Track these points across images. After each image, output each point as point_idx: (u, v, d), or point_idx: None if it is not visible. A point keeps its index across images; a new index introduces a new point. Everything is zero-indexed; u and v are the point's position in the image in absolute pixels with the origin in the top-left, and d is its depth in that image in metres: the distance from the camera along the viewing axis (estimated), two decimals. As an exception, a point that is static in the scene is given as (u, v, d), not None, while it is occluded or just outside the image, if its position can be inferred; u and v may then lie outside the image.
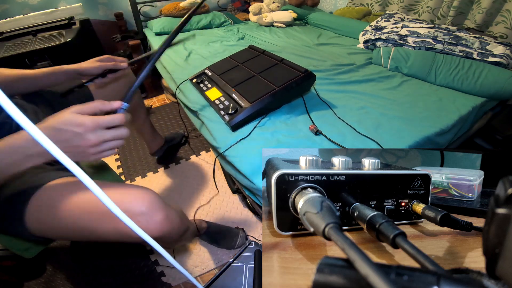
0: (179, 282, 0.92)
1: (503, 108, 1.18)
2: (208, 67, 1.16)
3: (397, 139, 0.82)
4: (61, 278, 0.95)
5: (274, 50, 1.50)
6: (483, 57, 1.15)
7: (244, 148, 0.80)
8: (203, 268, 0.95)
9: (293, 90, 0.92)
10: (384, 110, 0.95)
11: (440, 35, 1.27)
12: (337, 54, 1.47)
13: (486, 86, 1.06)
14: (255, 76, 1.00)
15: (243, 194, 0.95)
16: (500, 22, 1.43)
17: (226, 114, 0.88)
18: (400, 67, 1.26)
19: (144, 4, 2.02)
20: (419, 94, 1.08)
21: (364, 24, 1.68)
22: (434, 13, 1.67)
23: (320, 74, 1.16)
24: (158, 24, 1.84)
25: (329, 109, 0.95)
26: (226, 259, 0.97)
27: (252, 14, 2.09)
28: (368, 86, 1.14)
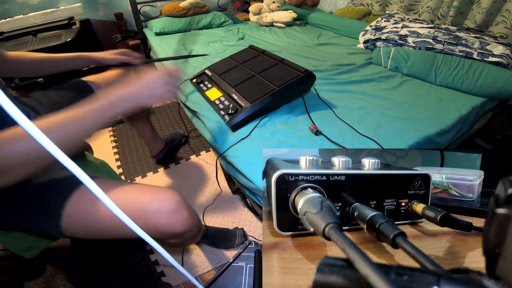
0: (179, 282, 0.92)
1: (503, 108, 1.18)
2: (208, 67, 1.16)
3: (397, 139, 0.82)
4: (61, 278, 0.94)
5: (274, 50, 1.50)
6: (483, 57, 1.15)
7: (244, 148, 0.80)
8: (203, 268, 0.95)
9: (293, 90, 0.92)
10: (384, 110, 0.95)
11: (440, 35, 1.27)
12: (337, 54, 1.47)
13: (486, 86, 1.06)
14: (255, 76, 1.00)
15: (243, 194, 0.95)
16: (500, 22, 1.43)
17: (226, 114, 0.88)
18: (400, 67, 1.26)
19: (144, 4, 2.02)
20: (419, 94, 1.08)
21: (364, 24, 1.69)
22: (434, 13, 1.67)
23: (320, 74, 1.16)
24: (158, 24, 1.84)
25: (329, 109, 0.95)
26: (226, 259, 0.97)
27: (252, 14, 2.10)
28: (368, 86, 1.14)
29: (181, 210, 0.57)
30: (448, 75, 1.13)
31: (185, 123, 1.66)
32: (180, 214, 0.57)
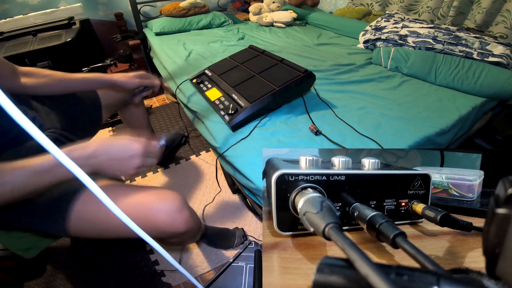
0: (179, 282, 0.92)
1: (503, 108, 1.18)
2: (208, 67, 1.16)
3: (397, 139, 0.82)
4: (61, 278, 0.94)
5: (274, 50, 1.50)
6: (483, 57, 1.15)
7: (244, 148, 0.80)
8: (203, 268, 0.95)
9: (293, 90, 0.92)
10: (384, 110, 0.95)
11: (440, 35, 1.27)
12: (337, 54, 1.47)
13: (486, 86, 1.06)
14: (255, 76, 1.00)
15: (243, 194, 0.95)
16: (500, 22, 1.43)
17: (226, 114, 0.88)
18: (400, 67, 1.26)
19: (144, 4, 2.02)
20: (419, 94, 1.08)
21: (364, 24, 1.68)
22: (434, 13, 1.67)
23: (320, 74, 1.16)
24: (158, 24, 1.84)
25: (329, 109, 0.95)
26: (226, 259, 0.97)
27: (252, 14, 2.09)
28: (368, 86, 1.14)
29: (183, 210, 0.59)
30: (448, 75, 1.13)
31: (185, 123, 1.66)
32: (182, 214, 0.58)
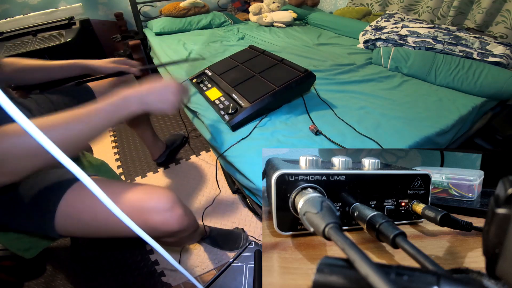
0: (179, 282, 0.92)
1: (503, 108, 1.18)
2: (208, 67, 1.16)
3: (397, 139, 0.82)
4: (61, 278, 0.94)
5: (274, 50, 1.50)
6: (483, 57, 1.15)
7: (244, 148, 0.79)
8: (203, 268, 0.95)
9: (293, 90, 0.92)
10: (384, 110, 0.95)
11: (440, 35, 1.27)
12: (337, 54, 1.47)
13: (486, 86, 1.06)
14: (255, 76, 1.00)
15: (243, 194, 0.95)
16: (500, 22, 1.43)
17: (226, 114, 0.88)
18: (400, 67, 1.26)
19: (144, 4, 2.02)
20: (419, 94, 1.08)
21: (364, 24, 1.68)
22: (434, 13, 1.67)
23: (320, 74, 1.16)
24: (158, 24, 1.84)
25: (329, 109, 0.95)
26: (226, 259, 0.97)
27: (252, 14, 2.09)
28: (368, 86, 1.14)
29: (175, 208, 0.57)
30: (448, 75, 1.13)
31: (185, 123, 1.66)
32: (175, 212, 0.56)
